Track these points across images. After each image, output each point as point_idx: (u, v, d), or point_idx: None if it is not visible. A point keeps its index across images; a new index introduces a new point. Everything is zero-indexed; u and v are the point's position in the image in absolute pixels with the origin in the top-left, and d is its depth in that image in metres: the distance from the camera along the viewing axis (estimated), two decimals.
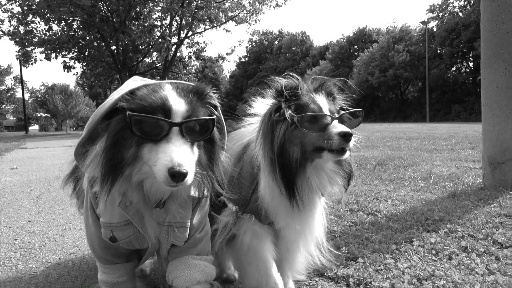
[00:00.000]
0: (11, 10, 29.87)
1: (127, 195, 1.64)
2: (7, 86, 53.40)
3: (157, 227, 1.80)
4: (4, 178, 7.64)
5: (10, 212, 4.71)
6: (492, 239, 3.05)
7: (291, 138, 1.86)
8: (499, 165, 4.96)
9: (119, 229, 1.77)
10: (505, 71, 4.91)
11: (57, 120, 73.85)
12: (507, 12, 4.89)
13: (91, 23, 29.99)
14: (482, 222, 3.43)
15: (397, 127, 25.66)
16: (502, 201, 4.13)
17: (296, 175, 1.87)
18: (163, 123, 1.49)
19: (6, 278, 2.74)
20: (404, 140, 13.86)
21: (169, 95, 1.57)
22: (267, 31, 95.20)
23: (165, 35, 32.56)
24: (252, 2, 34.55)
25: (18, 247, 3.41)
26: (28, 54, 31.37)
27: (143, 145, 1.50)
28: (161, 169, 1.42)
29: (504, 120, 4.92)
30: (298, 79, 1.99)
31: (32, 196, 5.70)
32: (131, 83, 1.68)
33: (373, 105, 61.86)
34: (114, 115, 1.55)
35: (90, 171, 1.61)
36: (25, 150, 16.30)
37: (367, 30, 72.04)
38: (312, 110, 1.88)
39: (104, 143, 1.53)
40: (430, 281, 2.36)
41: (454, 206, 4.03)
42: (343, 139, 1.77)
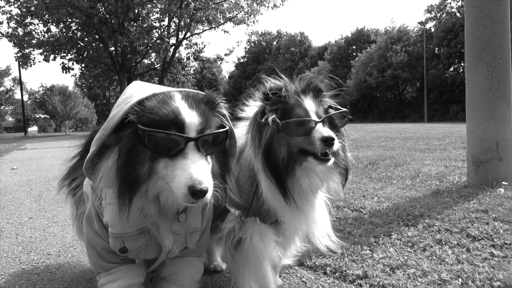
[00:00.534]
0: (9, 12, 30.12)
1: (145, 208, 1.62)
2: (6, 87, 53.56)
3: (173, 236, 1.80)
4: (5, 178, 7.83)
5: (11, 210, 4.91)
6: (466, 232, 3.24)
7: (278, 139, 1.88)
8: (482, 163, 5.16)
9: (132, 239, 1.76)
10: (487, 74, 5.11)
11: (56, 121, 73.97)
12: (489, 17, 5.09)
13: (89, 25, 30.19)
14: (459, 217, 3.63)
15: (394, 127, 25.87)
16: (482, 198, 4.32)
17: (285, 175, 1.89)
18: (178, 139, 1.47)
19: (10, 268, 2.95)
20: (399, 140, 14.05)
21: (181, 107, 1.53)
22: (266, 32, 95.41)
23: (163, 36, 32.71)
24: (250, 3, 34.72)
25: (20, 241, 3.62)
26: (26, 55, 31.50)
27: (157, 160, 1.48)
28: (181, 187, 1.40)
29: (486, 121, 5.12)
30: (285, 80, 2.00)
31: (33, 195, 5.90)
32: (137, 90, 1.62)
33: (371, 105, 62.07)
34: (124, 128, 1.52)
35: (103, 185, 1.60)
36: (24, 151, 16.47)
37: (365, 30, 72.28)
38: (297, 114, 1.89)
39: (117, 159, 1.51)
40: (401, 269, 2.56)
41: (436, 202, 4.23)
42: (325, 144, 1.78)
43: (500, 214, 3.67)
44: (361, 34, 71.76)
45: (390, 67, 54.59)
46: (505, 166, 5.10)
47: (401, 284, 2.34)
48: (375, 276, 2.46)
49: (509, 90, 5.16)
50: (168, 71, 36.25)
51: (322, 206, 2.19)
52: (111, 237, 1.78)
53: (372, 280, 2.43)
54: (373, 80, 55.64)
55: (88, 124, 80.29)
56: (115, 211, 1.67)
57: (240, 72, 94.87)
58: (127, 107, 1.50)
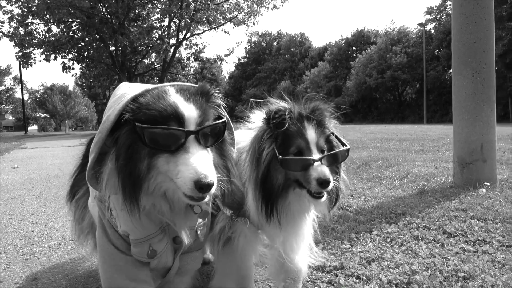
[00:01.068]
0: (11, 12, 30.25)
1: (156, 205, 1.61)
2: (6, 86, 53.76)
3: (189, 230, 1.82)
4: (6, 177, 8.04)
5: (14, 207, 5.12)
6: (443, 229, 3.45)
7: (275, 166, 1.88)
8: (467, 165, 5.36)
9: (157, 239, 1.75)
10: (472, 78, 5.31)
11: (56, 121, 74.15)
12: (474, 24, 5.29)
13: (90, 25, 30.36)
14: (438, 216, 3.83)
15: (392, 129, 26.04)
16: (464, 197, 4.52)
17: (277, 199, 1.91)
18: (179, 133, 1.45)
19: (14, 259, 3.17)
20: (394, 141, 14.24)
21: (178, 101, 1.51)
22: (266, 32, 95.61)
23: (163, 36, 32.92)
24: (250, 4, 34.86)
25: (23, 235, 3.84)
26: (27, 55, 31.65)
27: (157, 156, 1.46)
28: (186, 182, 1.39)
29: (471, 124, 5.32)
30: (290, 104, 1.98)
31: (34, 193, 6.10)
32: (127, 89, 1.60)
33: (371, 106, 62.17)
34: (119, 127, 1.49)
35: (109, 192, 1.58)
36: (25, 150, 16.67)
37: (365, 31, 72.41)
38: (298, 144, 1.88)
39: (116, 160, 1.48)
40: (376, 262, 2.77)
41: (419, 201, 4.43)
42: (320, 186, 1.78)
43: (478, 212, 3.87)
44: (361, 35, 71.91)
45: (389, 68, 54.76)
46: (489, 167, 5.30)
47: (373, 275, 2.54)
48: (351, 267, 2.66)
49: (493, 94, 5.36)
50: (168, 71, 36.41)
51: (306, 226, 2.19)
52: (134, 245, 1.73)
53: (347, 271, 2.63)
54: (372, 81, 55.79)
55: (88, 123, 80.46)
56: (134, 218, 1.64)
57: (240, 73, 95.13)
58: (121, 106, 1.48)
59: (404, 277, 2.50)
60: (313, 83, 70.83)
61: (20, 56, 31.85)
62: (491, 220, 3.64)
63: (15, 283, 2.70)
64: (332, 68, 70.61)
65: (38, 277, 2.79)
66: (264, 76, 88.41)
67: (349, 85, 61.53)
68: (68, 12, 28.52)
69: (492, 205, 4.12)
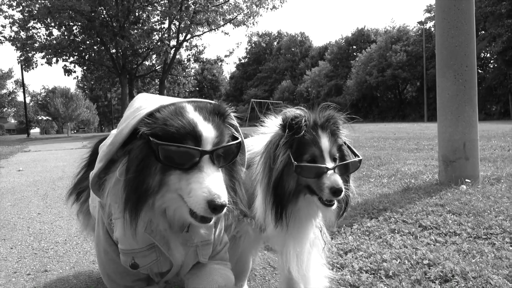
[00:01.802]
0: (12, 17, 30.61)
1: (153, 222, 1.61)
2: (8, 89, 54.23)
3: (184, 250, 1.79)
4: (12, 179, 8.36)
5: (21, 207, 5.43)
6: (418, 223, 3.73)
7: (288, 172, 1.92)
8: (451, 163, 5.63)
9: (141, 255, 1.74)
10: (454, 80, 5.58)
11: (58, 123, 74.71)
12: (455, 28, 5.57)
13: (91, 28, 30.78)
14: (417, 211, 4.11)
15: (391, 127, 26.31)
16: (444, 194, 4.80)
17: (287, 205, 1.95)
18: (194, 152, 1.44)
19: (25, 253, 3.50)
20: (391, 140, 14.51)
21: (196, 120, 1.50)
22: (266, 33, 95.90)
23: (163, 38, 33.26)
24: (250, 5, 35.13)
25: (32, 232, 4.16)
26: (29, 59, 32.04)
27: (169, 173, 1.45)
28: (199, 201, 1.38)
29: (454, 123, 5.60)
30: (306, 112, 2.03)
31: (40, 194, 6.42)
32: (144, 103, 1.59)
33: (371, 105, 62.45)
34: (132, 140, 1.49)
35: (110, 200, 1.60)
36: (28, 153, 17.01)
37: (365, 30, 72.69)
38: (312, 152, 1.93)
39: (125, 171, 1.48)
40: (352, 252, 3.05)
41: (401, 198, 4.71)
42: (333, 194, 1.83)
43: (455, 207, 4.15)
44: (362, 34, 72.20)
45: (390, 67, 55.07)
46: (471, 165, 5.57)
47: (347, 263, 2.83)
48: (327, 257, 2.94)
49: (475, 95, 5.64)
50: (169, 73, 36.75)
51: (311, 232, 2.21)
52: (121, 253, 1.76)
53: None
54: (373, 79, 56.08)
55: (90, 125, 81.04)
56: (123, 227, 1.66)
57: (241, 73, 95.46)
58: (136, 121, 1.48)
59: (374, 264, 2.79)
60: (314, 82, 71.14)
61: (22, 60, 32.24)
62: (465, 214, 3.92)
63: (27, 274, 3.01)
64: (333, 67, 70.96)
65: (48, 269, 3.10)
66: (265, 76, 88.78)
67: (350, 84, 61.83)
68: (69, 15, 28.92)
69: (469, 200, 4.39)
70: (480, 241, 3.21)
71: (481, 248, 3.02)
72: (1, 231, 4.25)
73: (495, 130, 17.70)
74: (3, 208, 5.44)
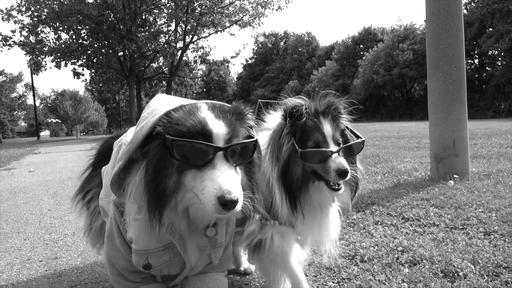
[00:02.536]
0: (21, 22, 31.19)
1: (174, 223, 1.60)
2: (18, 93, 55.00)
3: (198, 252, 1.79)
4: (24, 179, 8.75)
5: (33, 204, 5.79)
6: (402, 215, 3.98)
7: (294, 159, 1.97)
8: (441, 159, 5.87)
9: (156, 255, 1.74)
10: (444, 80, 5.81)
11: (67, 126, 75.63)
12: (444, 30, 5.80)
13: (98, 31, 31.31)
14: (403, 204, 4.37)
15: (396, 126, 26.39)
16: (432, 189, 5.04)
17: (298, 192, 1.99)
18: (208, 148, 1.44)
19: (37, 244, 3.84)
20: (393, 139, 14.69)
21: (207, 118, 1.51)
22: (273, 33, 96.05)
23: (170, 41, 33.67)
24: (255, 6, 35.37)
25: (43, 226, 4.51)
26: (38, 62, 32.63)
27: (185, 172, 1.45)
28: (210, 198, 1.37)
29: (444, 122, 5.83)
30: (306, 101, 2.06)
31: (50, 193, 6.79)
32: (163, 103, 1.60)
33: (379, 104, 62.31)
34: (151, 141, 1.50)
35: (132, 201, 1.59)
36: (39, 155, 17.49)
37: (372, 29, 72.47)
38: (315, 138, 1.97)
39: (145, 173, 1.48)
40: None
41: (391, 193, 4.96)
42: (340, 176, 1.87)
43: (438, 201, 4.39)
44: (368, 33, 71.95)
45: (397, 66, 54.91)
46: (460, 161, 5.80)
47: None
48: None
49: (464, 94, 5.86)
50: (175, 74, 37.14)
51: (332, 215, 2.26)
52: (134, 254, 1.76)
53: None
54: (380, 78, 55.96)
55: (99, 127, 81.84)
56: (141, 227, 1.67)
57: (248, 74, 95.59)
58: (155, 119, 1.49)
59: (352, 251, 3.05)
60: (321, 82, 71.09)
61: (31, 64, 32.82)
62: (447, 207, 4.16)
63: (39, 261, 3.35)
64: (340, 66, 70.89)
65: (58, 256, 3.44)
66: (272, 76, 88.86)
67: (357, 83, 61.78)
68: (77, 19, 29.41)
69: (454, 194, 4.63)
70: (456, 231, 3.46)
71: (455, 237, 3.27)
72: (15, 225, 4.60)
73: (499, 128, 17.79)
74: (16, 205, 5.80)
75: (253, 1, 34.91)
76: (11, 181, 8.54)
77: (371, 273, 2.67)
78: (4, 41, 31.04)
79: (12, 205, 5.85)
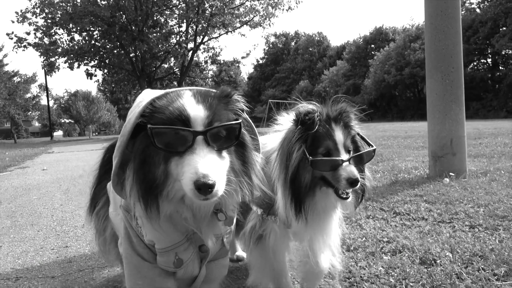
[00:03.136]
0: (36, 23, 31.82)
1: (179, 212, 1.59)
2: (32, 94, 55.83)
3: (216, 240, 1.80)
4: (37, 177, 9.10)
5: (46, 200, 6.10)
6: (393, 210, 4.17)
7: (305, 165, 1.95)
8: (439, 158, 6.03)
9: (183, 247, 1.72)
10: (442, 81, 5.97)
11: (80, 126, 76.57)
12: (442, 33, 5.96)
13: (110, 33, 31.78)
14: (396, 200, 4.55)
15: (406, 126, 26.40)
16: (427, 186, 5.21)
17: (305, 198, 1.98)
18: (186, 133, 1.41)
19: (50, 234, 4.14)
20: (400, 138, 14.79)
21: (187, 103, 1.48)
22: (283, 33, 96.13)
23: (181, 42, 34.04)
24: (265, 7, 35.54)
25: (55, 219, 4.80)
26: (52, 63, 33.24)
27: (170, 160, 1.42)
28: (187, 183, 1.34)
29: (442, 122, 5.99)
30: (318, 106, 2.05)
31: (62, 189, 7.10)
32: (149, 94, 1.58)
33: (390, 104, 62.10)
34: (138, 133, 1.49)
35: (132, 199, 1.53)
36: (52, 154, 17.96)
37: (384, 29, 72.22)
38: (326, 145, 1.95)
39: (133, 163, 1.47)
40: None
41: (386, 190, 5.14)
42: (350, 185, 1.86)
43: (431, 197, 4.57)
44: (380, 32, 71.74)
45: (408, 65, 54.73)
46: (458, 160, 5.96)
47: None
48: None
49: (462, 95, 6.02)
50: (186, 75, 37.47)
51: (334, 223, 2.26)
52: (160, 254, 1.72)
53: None
54: (391, 78, 55.77)
55: (111, 127, 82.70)
56: (159, 223, 1.60)
57: (259, 74, 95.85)
58: (140, 109, 1.48)
59: (341, 241, 3.25)
60: (332, 82, 71.09)
61: (45, 64, 33.44)
62: (439, 203, 4.34)
63: (51, 249, 3.63)
64: (351, 66, 70.80)
65: (68, 245, 3.72)
66: (283, 76, 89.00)
67: (368, 83, 61.66)
68: (90, 21, 29.90)
69: (447, 191, 4.81)
70: (442, 225, 3.65)
71: (441, 230, 3.46)
72: (29, 218, 4.90)
73: (507, 128, 17.78)
74: (30, 200, 6.12)
75: (264, 1, 35.08)
76: (26, 179, 8.90)
77: (354, 260, 2.88)
78: (19, 42, 31.70)
79: (26, 200, 6.16)
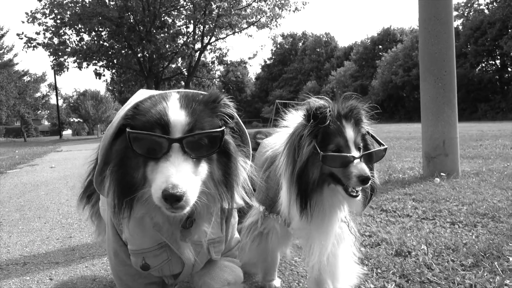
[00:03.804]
0: (45, 24, 32.36)
1: (151, 217, 1.54)
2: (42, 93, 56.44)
3: (195, 247, 1.72)
4: (46, 174, 9.44)
5: (53, 195, 6.41)
6: (381, 208, 4.38)
7: (314, 161, 1.92)
8: (432, 159, 6.22)
9: (152, 254, 1.67)
10: (434, 84, 6.17)
11: (89, 125, 77.07)
12: (435, 37, 6.15)
13: (119, 33, 32.27)
14: (385, 198, 4.75)
15: (411, 128, 26.42)
16: (417, 185, 5.40)
17: (312, 194, 1.94)
18: (161, 140, 1.36)
19: (56, 226, 4.42)
20: (402, 139, 15.00)
21: (169, 107, 1.42)
22: (291, 34, 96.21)
23: (188, 42, 34.39)
24: (272, 8, 35.78)
25: (61, 213, 5.09)
26: (61, 63, 33.76)
27: (147, 165, 1.38)
28: (156, 191, 1.29)
29: (434, 123, 6.19)
30: (328, 101, 2.01)
31: (69, 185, 7.42)
32: (137, 96, 1.55)
33: (397, 105, 61.95)
34: (121, 135, 1.44)
35: (109, 197, 1.52)
36: (60, 152, 18.37)
37: (391, 30, 72.08)
38: (337, 142, 1.92)
39: (111, 164, 1.45)
40: None
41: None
42: (361, 183, 1.83)
43: (419, 196, 4.77)
44: (387, 33, 71.60)
45: (415, 66, 54.52)
46: (450, 160, 6.14)
47: None
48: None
49: (454, 97, 6.20)
50: (193, 75, 37.82)
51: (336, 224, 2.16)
52: (132, 254, 1.71)
53: None
54: (398, 79, 55.64)
55: None
56: (132, 226, 1.62)
57: (266, 74, 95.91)
58: (123, 113, 1.45)
59: None
60: (339, 83, 71.05)
61: (55, 64, 33.95)
62: (426, 201, 4.54)
63: (57, 239, 3.91)
64: (358, 67, 70.73)
65: (72, 236, 4.00)
66: (290, 77, 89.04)
67: (375, 84, 61.59)
68: (98, 22, 30.38)
69: (435, 190, 5.00)
70: (425, 221, 3.85)
71: (422, 226, 3.66)
72: (37, 212, 5.20)
73: (511, 130, 17.84)
74: (38, 196, 6.44)
75: (270, 2, 35.32)
76: (34, 176, 9.23)
77: None
78: (29, 42, 32.24)
79: (34, 195, 6.47)
